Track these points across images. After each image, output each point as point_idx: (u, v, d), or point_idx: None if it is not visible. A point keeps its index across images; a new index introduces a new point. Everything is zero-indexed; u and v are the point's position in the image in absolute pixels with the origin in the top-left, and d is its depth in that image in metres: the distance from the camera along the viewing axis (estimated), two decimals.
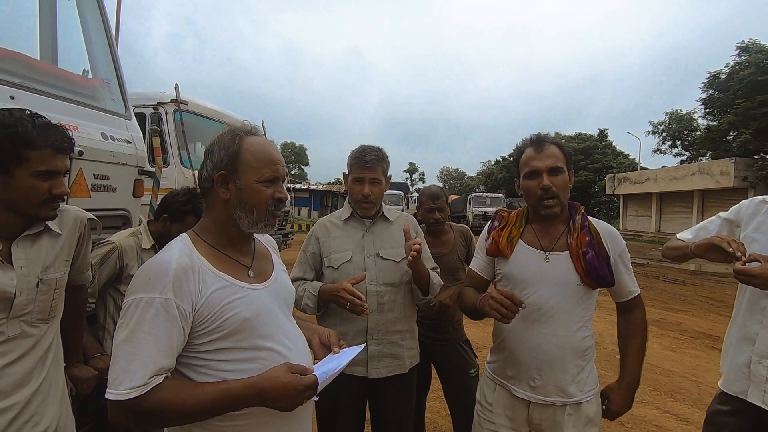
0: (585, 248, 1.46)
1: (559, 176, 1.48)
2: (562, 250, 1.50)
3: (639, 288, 1.59)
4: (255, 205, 1.09)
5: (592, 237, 1.49)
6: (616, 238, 1.54)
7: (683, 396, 3.79)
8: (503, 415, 1.56)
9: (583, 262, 1.45)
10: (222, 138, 1.11)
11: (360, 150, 1.86)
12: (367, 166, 1.82)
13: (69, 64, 2.51)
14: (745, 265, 1.38)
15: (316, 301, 1.78)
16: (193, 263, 1.02)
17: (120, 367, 0.91)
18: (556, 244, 1.51)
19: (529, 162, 1.51)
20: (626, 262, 1.55)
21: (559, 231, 1.54)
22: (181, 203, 1.98)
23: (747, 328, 1.55)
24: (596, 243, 1.48)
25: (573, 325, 1.48)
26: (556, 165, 1.47)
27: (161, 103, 5.21)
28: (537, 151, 1.50)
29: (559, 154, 1.49)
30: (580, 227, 1.50)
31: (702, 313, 6.86)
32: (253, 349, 1.04)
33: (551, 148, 1.49)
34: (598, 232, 1.51)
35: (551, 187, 1.46)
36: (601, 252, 1.47)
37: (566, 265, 1.48)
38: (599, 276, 1.45)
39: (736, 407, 1.56)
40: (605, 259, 1.47)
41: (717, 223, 1.73)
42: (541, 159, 1.48)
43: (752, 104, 20.33)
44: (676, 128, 32.36)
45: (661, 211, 25.12)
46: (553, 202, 1.47)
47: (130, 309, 0.95)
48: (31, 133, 1.18)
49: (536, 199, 1.49)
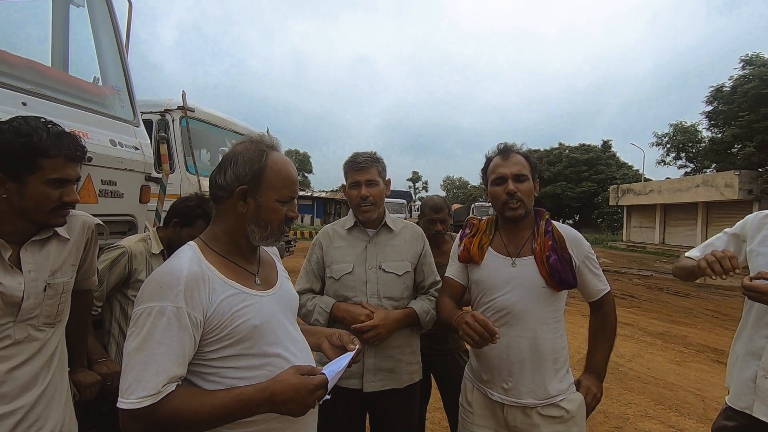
0: (548, 252, 1.54)
1: (524, 183, 1.57)
2: (528, 255, 1.58)
3: (609, 286, 1.65)
4: (270, 222, 1.11)
5: (555, 241, 1.56)
6: (580, 242, 1.61)
7: (688, 411, 3.75)
8: (483, 415, 1.62)
9: (547, 265, 1.52)
10: (247, 150, 1.11)
11: (352, 156, 1.86)
12: (361, 168, 1.81)
13: (80, 72, 2.55)
14: (752, 281, 1.39)
15: (328, 317, 1.77)
16: (203, 271, 1.02)
17: (132, 376, 0.91)
18: (521, 250, 1.59)
19: (496, 169, 1.61)
20: (592, 264, 1.61)
21: (524, 237, 1.61)
22: (191, 207, 1.99)
23: (753, 342, 1.54)
24: (559, 247, 1.56)
25: (542, 326, 1.54)
26: (522, 172, 1.57)
27: (168, 110, 5.26)
28: (503, 159, 1.61)
29: (525, 163, 1.60)
30: (544, 232, 1.59)
31: (707, 327, 6.79)
32: (261, 355, 1.05)
33: (517, 157, 1.60)
34: (562, 236, 1.59)
35: (516, 192, 1.55)
36: (564, 255, 1.55)
37: (531, 269, 1.55)
38: (562, 279, 1.52)
39: (741, 423, 1.55)
40: (568, 262, 1.54)
41: (723, 240, 1.74)
42: (507, 166, 1.59)
43: (756, 117, 20.28)
44: (680, 140, 32.31)
45: (665, 222, 24.99)
46: (518, 205, 1.56)
47: (142, 318, 0.95)
48: (45, 142, 1.19)
49: (502, 203, 1.58)
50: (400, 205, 26.86)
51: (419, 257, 1.92)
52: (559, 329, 1.59)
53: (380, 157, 1.88)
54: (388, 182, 1.93)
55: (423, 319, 1.81)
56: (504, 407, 1.56)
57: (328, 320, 1.77)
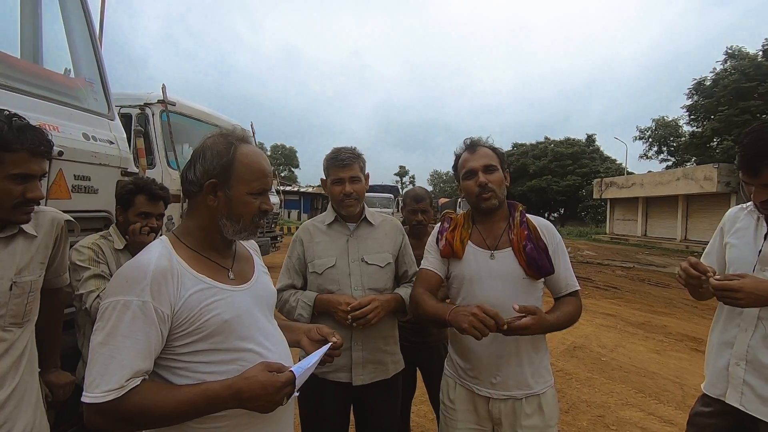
0: (525, 242, 1.57)
1: (494, 174, 1.60)
2: (506, 247, 1.60)
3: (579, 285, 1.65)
4: (242, 215, 1.09)
5: (530, 231, 1.60)
6: (553, 232, 1.65)
7: (667, 398, 3.84)
8: (466, 411, 1.63)
9: (524, 254, 1.55)
10: (215, 144, 1.09)
11: (334, 152, 1.85)
12: (344, 164, 1.81)
13: (51, 63, 2.47)
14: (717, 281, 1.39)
15: (311, 311, 1.77)
16: (172, 266, 1.01)
17: (96, 370, 0.90)
18: (499, 242, 1.61)
19: (466, 164, 1.64)
20: (562, 255, 1.63)
21: (501, 229, 1.64)
22: (125, 188, 1.97)
23: (727, 332, 1.58)
24: (534, 236, 1.59)
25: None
26: (490, 163, 1.60)
27: (148, 104, 5.14)
28: (471, 153, 1.64)
29: (492, 155, 1.63)
30: (519, 223, 1.61)
31: (686, 316, 6.98)
32: (233, 350, 1.03)
33: (484, 150, 1.64)
34: (535, 226, 1.62)
35: (487, 183, 1.58)
36: (539, 243, 1.58)
37: (510, 261, 1.58)
38: (539, 266, 1.55)
39: (717, 409, 1.58)
40: (544, 249, 1.57)
41: (716, 240, 1.71)
42: (476, 159, 1.62)
43: (734, 111, 20.76)
44: (662, 134, 32.95)
45: (647, 215, 25.44)
46: (490, 195, 1.58)
47: (107, 311, 0.94)
48: (6, 136, 1.15)
49: (475, 195, 1.61)
50: (388, 199, 26.83)
51: (399, 249, 1.95)
52: None
53: (361, 152, 1.89)
54: (368, 176, 1.94)
55: (409, 305, 1.83)
56: (489, 401, 1.58)
57: (311, 314, 1.78)
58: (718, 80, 22.91)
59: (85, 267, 1.77)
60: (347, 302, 1.69)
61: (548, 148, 40.50)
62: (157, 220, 1.96)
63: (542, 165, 39.17)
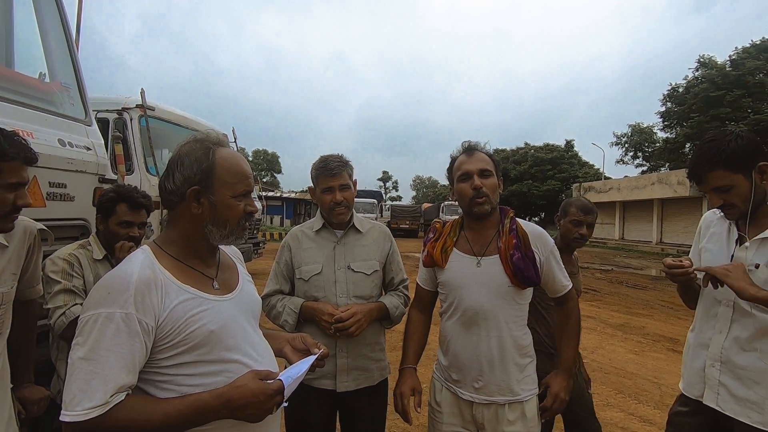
0: (512, 251, 1.56)
1: (489, 179, 1.61)
2: (493, 254, 1.60)
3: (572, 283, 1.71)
4: (228, 219, 1.07)
5: (519, 239, 1.59)
6: (545, 239, 1.65)
7: (646, 398, 3.92)
8: (451, 413, 1.65)
9: (511, 263, 1.55)
10: (192, 150, 1.07)
11: (322, 160, 1.85)
12: (334, 173, 1.81)
13: (25, 67, 2.40)
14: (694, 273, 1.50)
15: (297, 318, 1.77)
16: (156, 276, 0.98)
17: (77, 386, 0.86)
18: (487, 249, 1.62)
19: (462, 166, 1.64)
20: (556, 259, 1.66)
21: (490, 236, 1.63)
22: (106, 197, 1.92)
23: (703, 334, 1.62)
24: (523, 245, 1.58)
25: (509, 324, 1.58)
26: (486, 168, 1.61)
27: (126, 109, 5.03)
28: (468, 156, 1.64)
29: (489, 160, 1.64)
30: (509, 230, 1.61)
31: (663, 317, 7.17)
32: (219, 362, 1.01)
33: (481, 155, 1.64)
34: (526, 234, 1.61)
35: (482, 187, 1.58)
36: (528, 253, 1.57)
37: (496, 268, 1.58)
38: (524, 276, 1.55)
39: (695, 408, 1.62)
40: (531, 260, 1.57)
41: (695, 243, 1.75)
42: (472, 163, 1.62)
43: (705, 118, 21.53)
44: (637, 140, 33.90)
45: (624, 219, 26.12)
46: (484, 200, 1.58)
47: (89, 325, 0.90)
48: (2, 145, 1.13)
49: (469, 199, 1.60)
50: (371, 204, 26.88)
51: (387, 256, 1.95)
52: (524, 327, 1.64)
53: (348, 159, 1.90)
54: (356, 183, 1.94)
55: (393, 314, 1.85)
56: (473, 405, 1.59)
57: (297, 320, 1.78)
58: (690, 88, 23.76)
59: (56, 281, 1.69)
60: (330, 312, 1.70)
61: (528, 154, 41.18)
62: (139, 229, 1.92)
63: (523, 170, 39.78)
